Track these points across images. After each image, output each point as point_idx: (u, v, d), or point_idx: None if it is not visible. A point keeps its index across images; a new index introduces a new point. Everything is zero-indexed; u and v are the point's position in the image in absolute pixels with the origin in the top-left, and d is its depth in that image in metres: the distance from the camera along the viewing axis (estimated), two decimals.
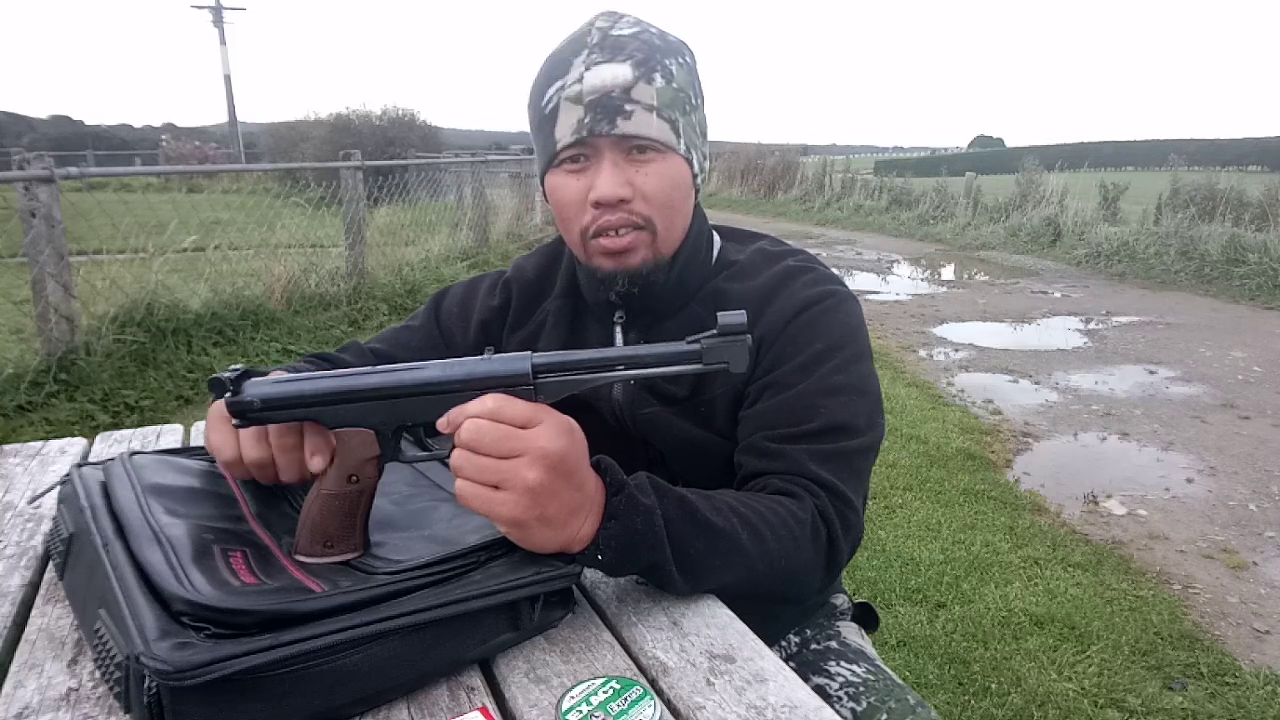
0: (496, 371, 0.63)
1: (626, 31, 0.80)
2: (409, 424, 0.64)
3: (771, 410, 0.82)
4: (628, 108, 0.77)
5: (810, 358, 0.82)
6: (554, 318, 0.95)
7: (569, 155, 0.81)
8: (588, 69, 0.78)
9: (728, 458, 0.85)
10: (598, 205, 0.80)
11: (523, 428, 0.59)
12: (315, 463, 0.64)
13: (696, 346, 0.64)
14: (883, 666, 0.94)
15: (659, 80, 0.79)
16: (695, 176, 0.85)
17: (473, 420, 0.59)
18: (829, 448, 0.79)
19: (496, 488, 0.59)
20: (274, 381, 0.63)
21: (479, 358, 0.64)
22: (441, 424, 0.62)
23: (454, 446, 0.60)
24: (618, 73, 0.77)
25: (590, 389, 0.64)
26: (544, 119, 0.81)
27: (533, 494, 0.59)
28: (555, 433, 0.60)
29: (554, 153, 0.81)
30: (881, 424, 0.85)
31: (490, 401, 0.60)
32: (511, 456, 0.59)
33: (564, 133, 0.79)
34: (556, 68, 0.80)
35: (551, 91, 0.80)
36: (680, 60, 0.82)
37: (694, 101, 0.83)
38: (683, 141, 0.81)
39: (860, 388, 0.82)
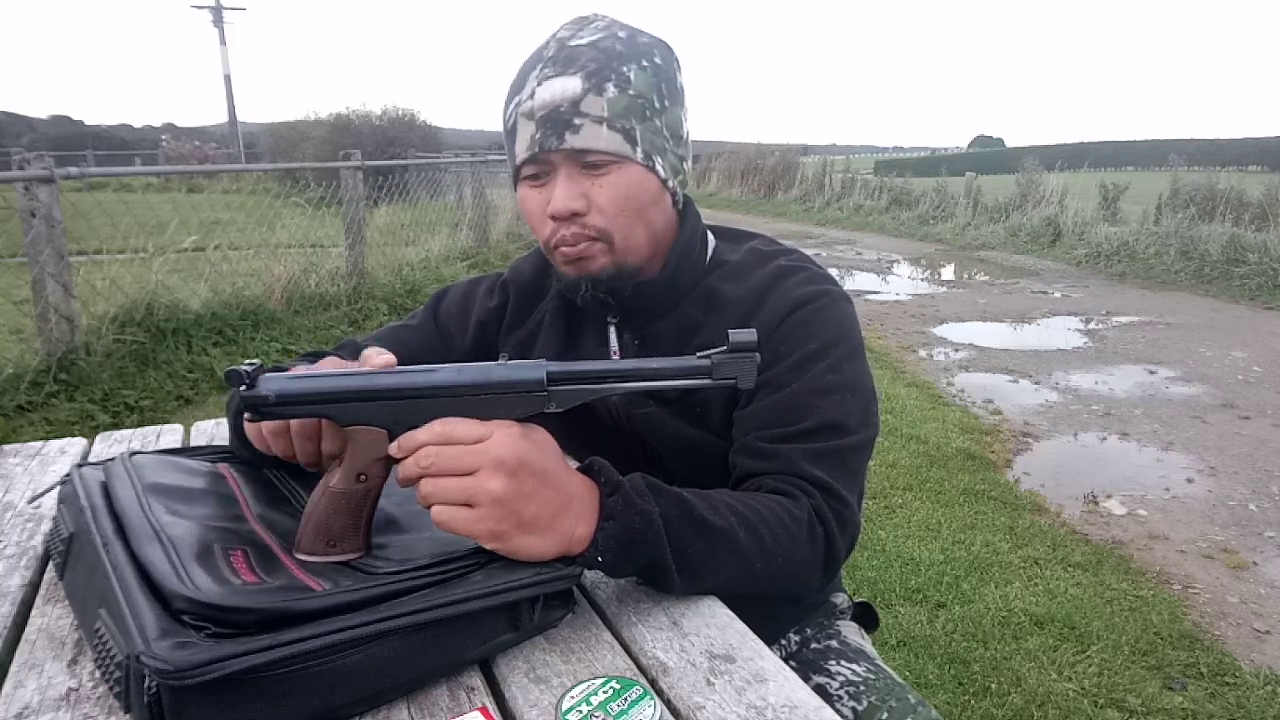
0: (512, 378, 0.63)
1: (586, 40, 0.79)
2: (421, 426, 0.64)
3: (765, 410, 0.82)
4: (576, 121, 0.77)
5: (803, 357, 0.82)
6: (550, 318, 0.95)
7: (529, 172, 0.82)
8: (539, 84, 0.78)
9: (724, 457, 0.85)
10: (554, 219, 0.81)
11: (475, 443, 0.60)
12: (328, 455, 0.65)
13: (707, 362, 0.66)
14: (883, 666, 0.94)
15: (611, 90, 0.78)
16: (665, 181, 0.84)
17: (426, 448, 0.61)
18: (822, 446, 0.79)
19: (468, 506, 0.60)
20: (290, 377, 0.63)
21: (495, 363, 0.64)
22: (393, 449, 0.63)
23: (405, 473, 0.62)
24: (567, 86, 0.77)
25: None
26: (507, 134, 0.83)
27: (501, 503, 0.59)
28: (509, 439, 0.61)
29: (516, 167, 0.83)
30: (876, 421, 0.85)
31: (439, 426, 0.61)
32: (470, 472, 0.60)
33: (520, 149, 0.81)
34: (516, 82, 0.82)
35: (511, 107, 0.82)
36: (642, 64, 0.80)
37: (657, 105, 0.81)
38: (640, 149, 0.80)
39: (853, 386, 0.83)
